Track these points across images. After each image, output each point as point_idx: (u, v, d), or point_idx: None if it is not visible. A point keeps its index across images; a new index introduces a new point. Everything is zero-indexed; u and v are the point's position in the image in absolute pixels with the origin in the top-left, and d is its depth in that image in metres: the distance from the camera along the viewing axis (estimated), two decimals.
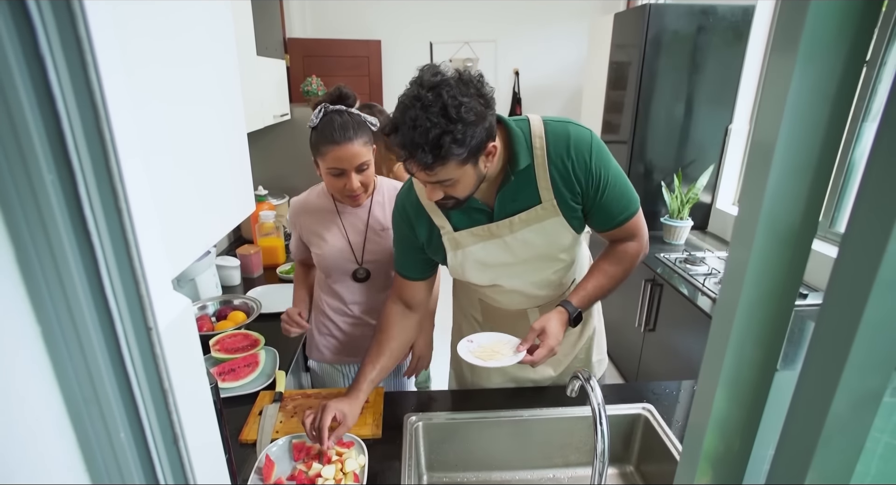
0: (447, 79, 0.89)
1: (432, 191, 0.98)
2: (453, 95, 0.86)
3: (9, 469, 0.32)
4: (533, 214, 1.08)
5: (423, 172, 0.92)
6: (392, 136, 0.91)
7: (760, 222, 0.33)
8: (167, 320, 0.40)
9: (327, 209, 1.40)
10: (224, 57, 0.57)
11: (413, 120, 0.87)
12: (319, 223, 1.40)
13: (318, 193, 1.43)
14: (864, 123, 1.98)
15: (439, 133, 0.86)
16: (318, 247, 1.39)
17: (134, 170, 0.36)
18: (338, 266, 1.40)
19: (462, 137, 0.87)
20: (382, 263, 1.41)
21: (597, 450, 0.84)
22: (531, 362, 1.08)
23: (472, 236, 1.13)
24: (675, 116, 2.75)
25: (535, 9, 4.19)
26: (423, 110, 0.86)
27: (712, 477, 0.42)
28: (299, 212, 1.42)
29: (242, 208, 0.63)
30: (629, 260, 1.16)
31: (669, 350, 2.33)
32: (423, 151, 0.87)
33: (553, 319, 1.09)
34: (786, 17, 0.30)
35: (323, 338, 1.50)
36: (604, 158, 1.05)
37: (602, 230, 1.15)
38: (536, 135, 1.05)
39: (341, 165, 1.22)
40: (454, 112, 0.86)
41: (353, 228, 1.39)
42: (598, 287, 1.14)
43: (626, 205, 1.10)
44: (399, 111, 0.90)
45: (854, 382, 0.30)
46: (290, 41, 3.76)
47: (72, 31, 0.31)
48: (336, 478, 1.00)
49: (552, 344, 1.07)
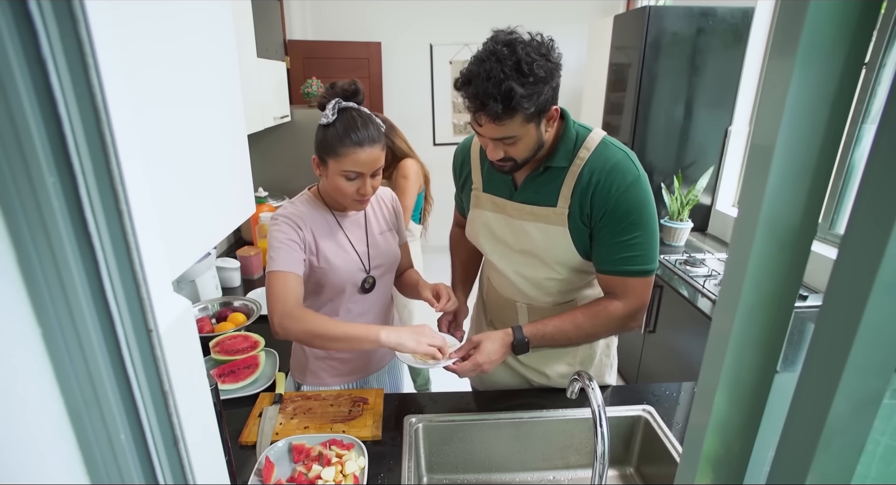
0: (521, 37, 0.94)
1: (494, 149, 1.02)
2: (527, 52, 0.91)
3: (9, 470, 0.32)
4: (544, 212, 1.10)
5: (493, 123, 0.95)
6: (464, 88, 0.95)
7: (760, 224, 0.33)
8: (167, 322, 0.40)
9: (326, 218, 1.27)
10: (224, 59, 0.57)
11: (487, 71, 0.91)
12: (325, 234, 1.26)
13: (305, 201, 1.27)
14: (864, 124, 1.98)
15: (511, 85, 0.90)
16: (329, 261, 1.24)
17: (134, 172, 0.36)
18: (349, 278, 1.28)
19: (531, 92, 0.92)
20: (385, 267, 1.35)
21: (597, 452, 0.84)
22: (454, 371, 1.10)
23: (491, 203, 1.19)
24: (674, 118, 2.75)
25: (534, 11, 4.20)
26: (498, 63, 0.91)
27: (712, 479, 0.41)
28: (307, 219, 1.23)
29: (243, 210, 0.63)
30: (605, 319, 1.10)
31: (669, 352, 2.33)
32: (494, 100, 0.91)
33: (493, 338, 1.10)
34: (785, 19, 0.30)
35: (321, 362, 1.36)
36: (633, 200, 1.03)
37: (599, 270, 1.12)
38: (586, 146, 1.07)
39: (361, 169, 1.14)
40: (526, 67, 0.91)
41: (355, 236, 1.30)
42: (559, 329, 1.11)
43: (634, 258, 1.06)
44: (474, 64, 0.94)
45: (854, 383, 0.30)
46: (290, 43, 3.77)
47: (73, 32, 0.31)
48: (336, 480, 1.00)
49: (480, 361, 1.08)
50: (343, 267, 1.26)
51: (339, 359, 1.35)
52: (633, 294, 1.09)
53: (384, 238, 1.35)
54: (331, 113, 1.14)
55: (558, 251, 1.12)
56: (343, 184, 1.16)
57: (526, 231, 1.13)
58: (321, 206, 1.27)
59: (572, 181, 1.06)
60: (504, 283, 1.26)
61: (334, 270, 1.25)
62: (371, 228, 1.33)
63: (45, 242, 0.32)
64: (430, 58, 4.40)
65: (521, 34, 0.95)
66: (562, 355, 1.28)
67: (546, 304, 1.23)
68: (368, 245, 1.31)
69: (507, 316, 1.30)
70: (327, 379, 1.36)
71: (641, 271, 1.07)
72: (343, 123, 1.13)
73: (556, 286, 1.20)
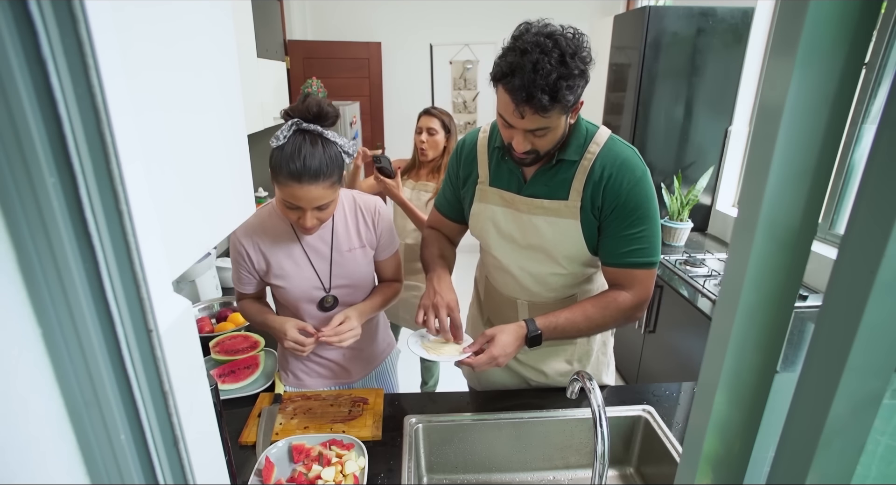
0: (558, 29, 0.95)
1: (523, 141, 1.02)
2: (569, 44, 0.92)
3: (9, 470, 0.32)
4: (555, 206, 1.11)
5: (537, 114, 0.95)
6: (506, 79, 0.94)
7: (760, 224, 0.33)
8: (167, 322, 0.40)
9: (284, 231, 1.19)
10: (225, 61, 0.57)
11: (534, 63, 0.91)
12: (279, 248, 1.19)
13: (269, 211, 1.21)
14: (864, 124, 1.98)
15: (556, 77, 0.91)
16: (280, 277, 1.20)
17: (134, 172, 0.36)
18: (304, 296, 1.23)
19: (574, 85, 0.93)
20: (351, 287, 1.27)
21: (597, 452, 0.84)
22: (469, 365, 1.09)
23: (498, 198, 1.18)
24: (674, 118, 2.75)
25: (534, 11, 4.18)
26: (544, 55, 0.91)
27: (712, 479, 0.41)
28: (253, 234, 1.18)
29: (243, 210, 0.63)
30: (614, 310, 1.11)
31: (669, 352, 2.33)
32: (543, 92, 0.91)
33: (507, 331, 1.10)
34: (785, 19, 0.30)
35: (299, 363, 1.35)
36: (640, 194, 1.05)
37: (606, 263, 1.14)
38: (596, 142, 1.08)
39: (298, 203, 1.06)
40: (570, 60, 0.91)
41: (316, 251, 1.22)
42: (570, 321, 1.12)
43: (640, 251, 1.08)
44: (516, 56, 0.93)
45: (854, 383, 0.30)
46: (290, 43, 3.77)
47: (73, 33, 0.31)
48: (336, 480, 1.00)
49: (495, 353, 1.07)
50: (296, 284, 1.21)
51: (315, 361, 1.34)
52: (640, 285, 1.12)
53: (352, 255, 1.25)
54: (283, 135, 1.03)
55: (567, 245, 1.12)
56: (285, 210, 1.11)
57: (535, 226, 1.13)
58: (282, 217, 1.19)
59: (584, 175, 1.07)
60: (506, 280, 1.26)
61: (289, 288, 1.21)
62: (338, 245, 1.23)
63: (45, 242, 0.32)
64: (430, 58, 4.40)
65: (555, 26, 0.96)
66: (559, 353, 1.28)
67: (548, 300, 1.23)
68: (332, 262, 1.23)
69: (506, 314, 1.29)
70: (306, 380, 1.36)
71: (648, 263, 1.09)
72: (289, 149, 1.02)
73: (560, 282, 1.20)
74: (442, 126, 2.01)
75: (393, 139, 4.42)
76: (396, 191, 1.96)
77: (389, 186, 1.95)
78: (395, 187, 1.96)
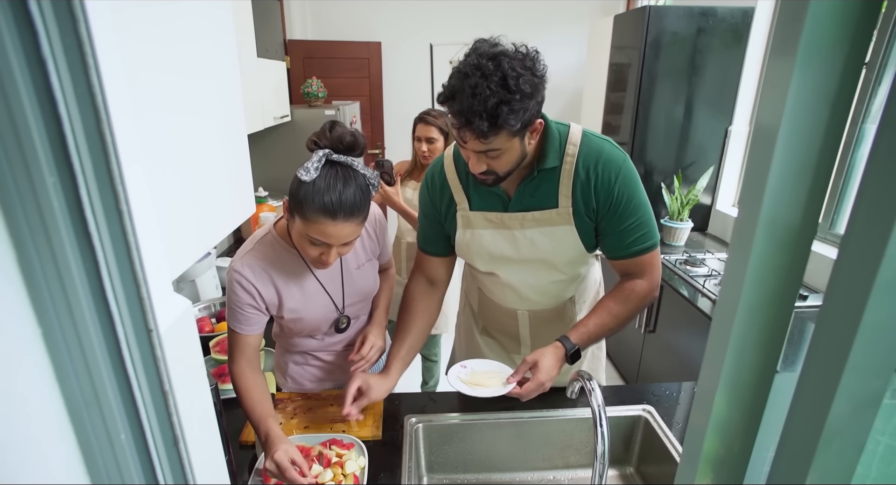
0: (506, 50, 0.91)
1: (476, 162, 0.99)
2: (513, 67, 0.88)
3: (10, 470, 0.32)
4: (546, 215, 1.09)
5: (478, 140, 0.93)
6: (448, 103, 0.92)
7: (760, 224, 0.33)
8: (168, 322, 0.40)
9: (291, 261, 1.11)
10: (225, 63, 0.57)
11: (472, 87, 0.88)
12: (291, 281, 1.11)
13: (271, 243, 1.11)
14: (864, 124, 1.98)
15: (497, 102, 0.87)
16: (294, 310, 1.13)
17: (134, 172, 0.36)
18: (321, 323, 1.19)
19: (518, 108, 0.89)
20: (363, 302, 1.25)
21: (597, 451, 0.84)
22: (518, 395, 1.09)
23: (484, 220, 1.14)
24: (674, 118, 2.75)
25: (534, 11, 4.19)
26: (484, 79, 0.87)
27: (712, 479, 0.41)
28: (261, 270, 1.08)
29: (243, 210, 0.63)
30: (636, 300, 1.12)
31: (670, 352, 2.33)
32: (480, 118, 0.88)
33: (547, 354, 1.09)
34: (785, 19, 0.30)
35: (300, 368, 1.31)
36: (630, 184, 1.05)
37: (613, 257, 1.13)
38: (571, 142, 1.06)
39: (328, 241, 0.98)
40: (513, 83, 0.87)
41: (327, 275, 1.16)
42: (600, 325, 1.12)
43: (642, 238, 1.08)
44: (457, 79, 0.90)
45: (854, 383, 0.30)
46: (290, 43, 3.77)
47: (73, 33, 0.31)
48: (336, 480, 1.00)
49: (542, 379, 1.07)
50: (313, 313, 1.16)
51: (316, 366, 1.32)
52: (650, 268, 1.13)
53: (361, 272, 1.21)
54: (313, 167, 0.94)
55: (566, 250, 1.12)
56: (306, 246, 1.01)
57: (529, 239, 1.12)
58: (287, 247, 1.11)
59: (569, 179, 1.06)
60: (506, 293, 1.24)
61: (302, 318, 1.16)
62: (347, 265, 1.18)
63: (45, 242, 0.32)
64: (430, 58, 4.40)
65: (505, 45, 0.91)
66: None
67: (548, 306, 1.23)
68: (343, 283, 1.18)
69: (505, 324, 1.28)
70: (308, 385, 1.33)
71: (651, 246, 1.10)
72: (322, 184, 0.94)
73: (560, 287, 1.20)
74: (440, 132, 1.99)
75: (393, 139, 4.42)
76: (396, 198, 1.96)
77: (389, 193, 1.95)
78: (395, 194, 1.96)
